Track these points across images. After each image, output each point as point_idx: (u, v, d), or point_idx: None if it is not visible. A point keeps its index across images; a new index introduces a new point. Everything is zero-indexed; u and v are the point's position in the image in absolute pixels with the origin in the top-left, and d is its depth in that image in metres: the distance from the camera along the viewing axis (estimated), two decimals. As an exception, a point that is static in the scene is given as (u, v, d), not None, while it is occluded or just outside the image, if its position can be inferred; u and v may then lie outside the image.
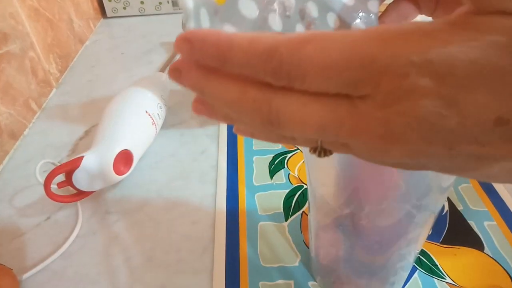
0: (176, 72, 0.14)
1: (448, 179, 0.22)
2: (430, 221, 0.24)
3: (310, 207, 0.27)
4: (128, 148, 0.39)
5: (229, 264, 0.33)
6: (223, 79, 0.14)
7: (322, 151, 0.14)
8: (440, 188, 0.22)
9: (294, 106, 0.13)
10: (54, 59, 0.57)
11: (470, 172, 0.13)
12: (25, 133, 0.49)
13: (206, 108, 0.16)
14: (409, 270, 0.31)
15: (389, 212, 0.23)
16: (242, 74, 0.13)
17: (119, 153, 0.38)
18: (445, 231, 0.34)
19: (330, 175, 0.23)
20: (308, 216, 0.34)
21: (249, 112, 0.14)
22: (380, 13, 0.24)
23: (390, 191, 0.22)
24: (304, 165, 0.41)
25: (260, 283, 0.32)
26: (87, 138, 0.48)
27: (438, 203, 0.24)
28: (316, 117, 0.13)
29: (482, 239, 0.33)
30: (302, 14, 0.21)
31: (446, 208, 0.36)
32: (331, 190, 0.24)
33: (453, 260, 0.32)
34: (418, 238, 0.25)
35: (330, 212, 0.25)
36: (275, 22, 0.20)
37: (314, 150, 0.14)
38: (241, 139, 0.45)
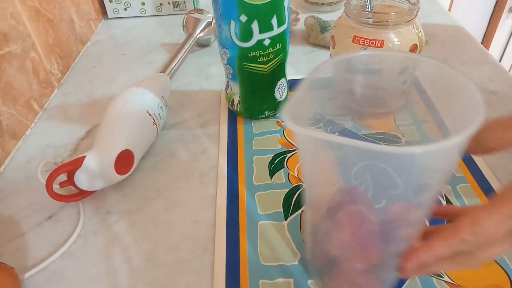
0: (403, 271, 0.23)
1: (445, 179, 0.22)
2: (427, 219, 0.25)
3: (306, 207, 0.27)
4: (129, 148, 0.39)
5: (229, 263, 0.33)
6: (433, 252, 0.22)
7: None
8: (437, 187, 0.23)
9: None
10: (56, 59, 0.57)
11: None
12: (27, 133, 0.49)
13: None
14: (408, 269, 0.31)
15: (386, 211, 0.24)
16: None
17: (120, 153, 0.38)
18: (444, 231, 0.34)
19: (326, 176, 0.24)
20: (305, 217, 0.35)
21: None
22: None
23: (387, 190, 0.22)
24: (304, 165, 0.41)
25: (260, 281, 0.32)
26: (89, 138, 0.48)
27: (434, 201, 0.24)
28: None
29: (480, 238, 0.34)
30: None
31: (445, 207, 0.36)
32: (327, 191, 0.24)
33: (451, 259, 0.32)
34: (416, 237, 0.25)
35: (326, 213, 0.25)
36: None
37: None
38: (241, 139, 0.45)
